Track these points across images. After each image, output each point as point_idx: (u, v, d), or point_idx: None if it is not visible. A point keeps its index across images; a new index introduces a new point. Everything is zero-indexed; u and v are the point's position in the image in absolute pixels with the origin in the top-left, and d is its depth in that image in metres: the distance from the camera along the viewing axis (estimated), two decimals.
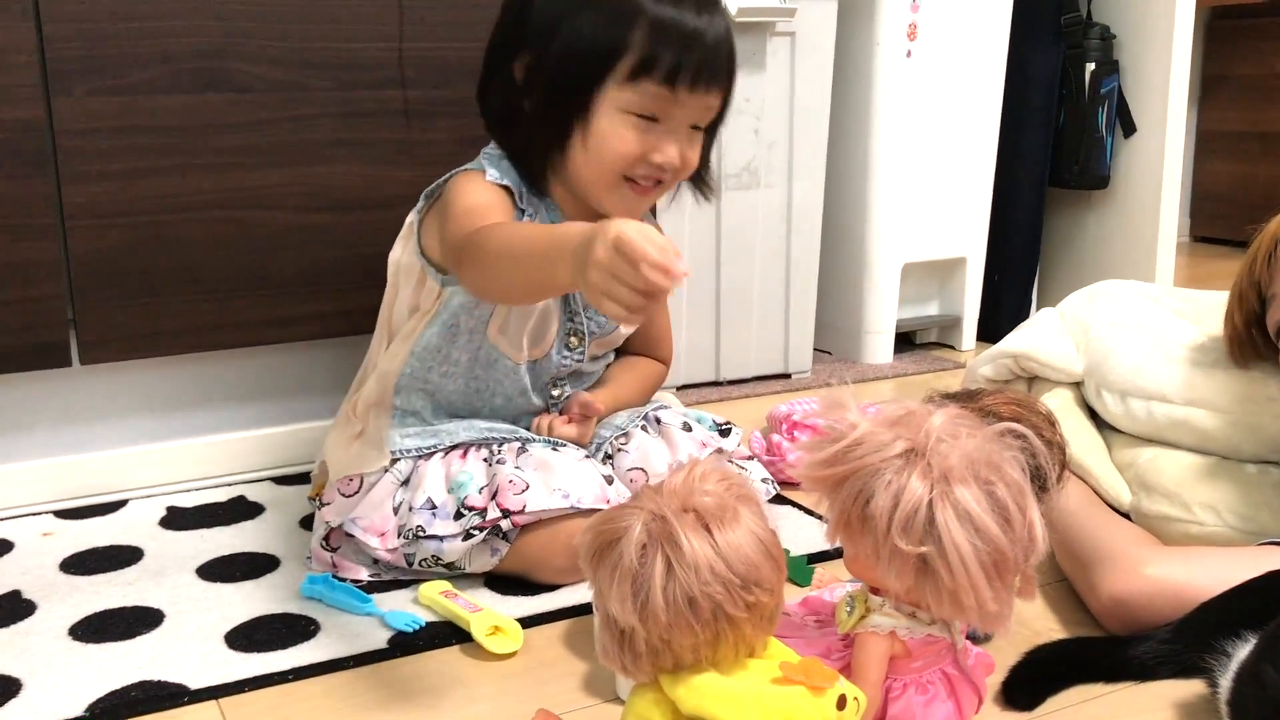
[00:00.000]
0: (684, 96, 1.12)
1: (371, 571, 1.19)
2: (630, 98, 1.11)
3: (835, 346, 2.21)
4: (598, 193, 1.18)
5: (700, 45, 1.10)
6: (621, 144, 1.13)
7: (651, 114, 1.12)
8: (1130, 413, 1.29)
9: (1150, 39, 2.26)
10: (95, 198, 1.36)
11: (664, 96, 1.11)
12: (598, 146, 1.13)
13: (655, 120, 1.13)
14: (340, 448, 1.25)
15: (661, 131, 1.14)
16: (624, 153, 1.13)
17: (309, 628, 1.10)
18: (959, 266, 2.23)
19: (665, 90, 1.11)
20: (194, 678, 1.01)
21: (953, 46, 2.09)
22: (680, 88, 1.11)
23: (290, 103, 1.44)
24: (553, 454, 1.18)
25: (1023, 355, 1.43)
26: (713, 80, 1.13)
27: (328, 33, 1.44)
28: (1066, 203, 2.43)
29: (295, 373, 1.55)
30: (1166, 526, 1.18)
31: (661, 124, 1.14)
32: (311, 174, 1.45)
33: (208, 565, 1.25)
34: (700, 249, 1.91)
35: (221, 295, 1.44)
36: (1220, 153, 3.77)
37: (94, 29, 1.32)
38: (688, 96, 1.12)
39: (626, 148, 1.13)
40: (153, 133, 1.37)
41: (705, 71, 1.11)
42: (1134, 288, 1.47)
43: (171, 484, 1.49)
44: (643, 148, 1.13)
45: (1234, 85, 3.71)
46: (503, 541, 1.15)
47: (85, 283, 1.37)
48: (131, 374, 1.46)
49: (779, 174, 1.95)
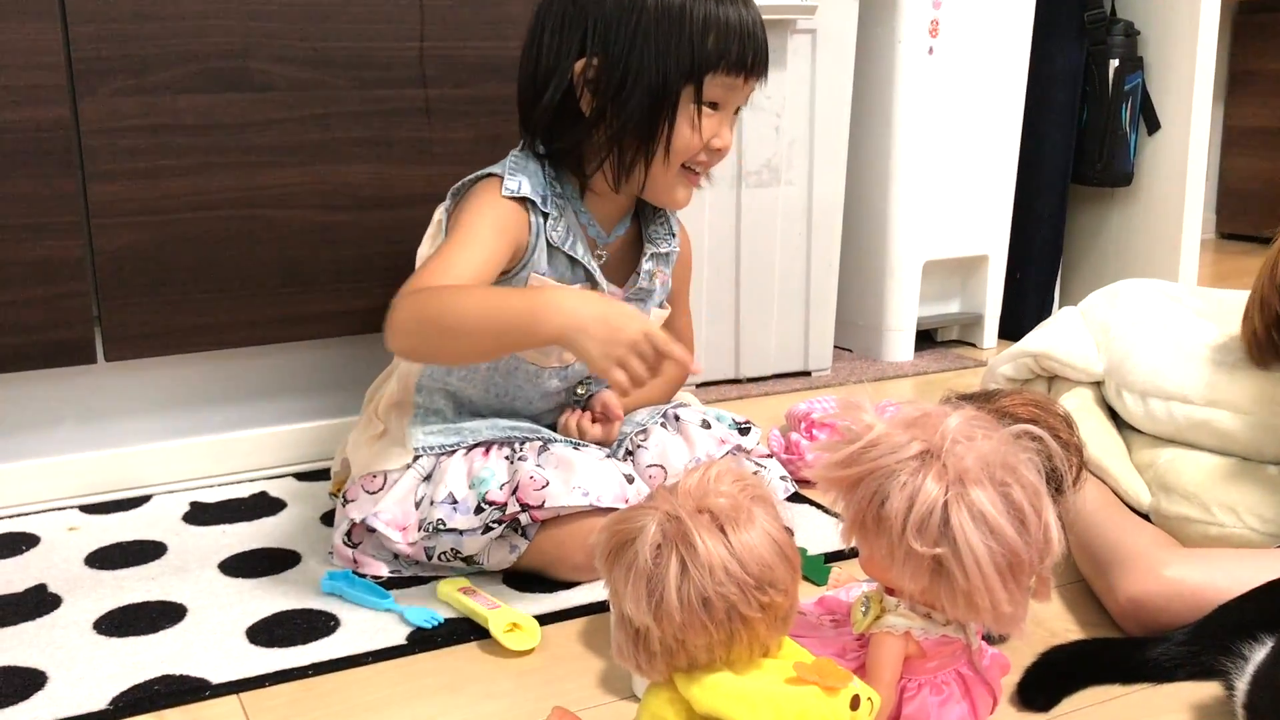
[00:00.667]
0: (741, 84, 1.21)
1: (391, 568, 1.20)
2: (708, 89, 1.19)
3: (856, 344, 2.21)
4: (664, 185, 1.24)
5: (752, 36, 1.20)
6: (696, 136, 1.20)
7: (715, 102, 1.21)
8: (1150, 413, 1.29)
9: (1175, 35, 2.25)
10: (119, 196, 1.37)
11: (731, 85, 1.20)
12: (680, 139, 1.20)
13: (717, 108, 1.21)
14: (363, 446, 1.26)
15: (720, 118, 1.22)
16: (699, 140, 1.21)
17: (329, 623, 1.11)
18: (981, 264, 2.22)
19: (734, 79, 1.20)
20: (216, 672, 1.02)
21: (975, 43, 2.08)
22: (745, 75, 1.20)
23: (312, 101, 1.45)
24: (574, 453, 1.19)
25: (1043, 355, 1.42)
26: (764, 66, 1.22)
27: (349, 32, 1.45)
28: (1089, 200, 2.41)
29: (317, 369, 1.57)
30: (1186, 528, 1.18)
31: (721, 110, 1.22)
32: (333, 172, 1.47)
33: (230, 560, 1.27)
34: (721, 246, 1.92)
35: (244, 293, 1.46)
36: (1247, 149, 3.74)
37: (119, 29, 1.34)
38: (743, 85, 1.21)
39: (704, 134, 1.21)
40: (176, 131, 1.39)
41: (760, 58, 1.21)
42: (1156, 287, 1.46)
43: (195, 479, 1.50)
44: (710, 134, 1.21)
45: (1261, 80, 3.68)
46: (521, 538, 1.16)
47: (110, 281, 1.38)
48: (155, 371, 1.48)
49: (800, 171, 1.95)
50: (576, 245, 1.23)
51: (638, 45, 1.16)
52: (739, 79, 1.20)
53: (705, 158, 1.23)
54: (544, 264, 1.22)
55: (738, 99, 1.23)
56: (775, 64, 1.87)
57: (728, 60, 1.18)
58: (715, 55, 1.17)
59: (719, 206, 1.90)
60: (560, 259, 1.23)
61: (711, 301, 1.93)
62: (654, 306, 1.35)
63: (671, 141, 1.20)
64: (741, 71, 1.20)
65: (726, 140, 1.23)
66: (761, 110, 1.89)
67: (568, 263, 1.23)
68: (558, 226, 1.22)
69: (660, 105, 1.18)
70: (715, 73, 1.18)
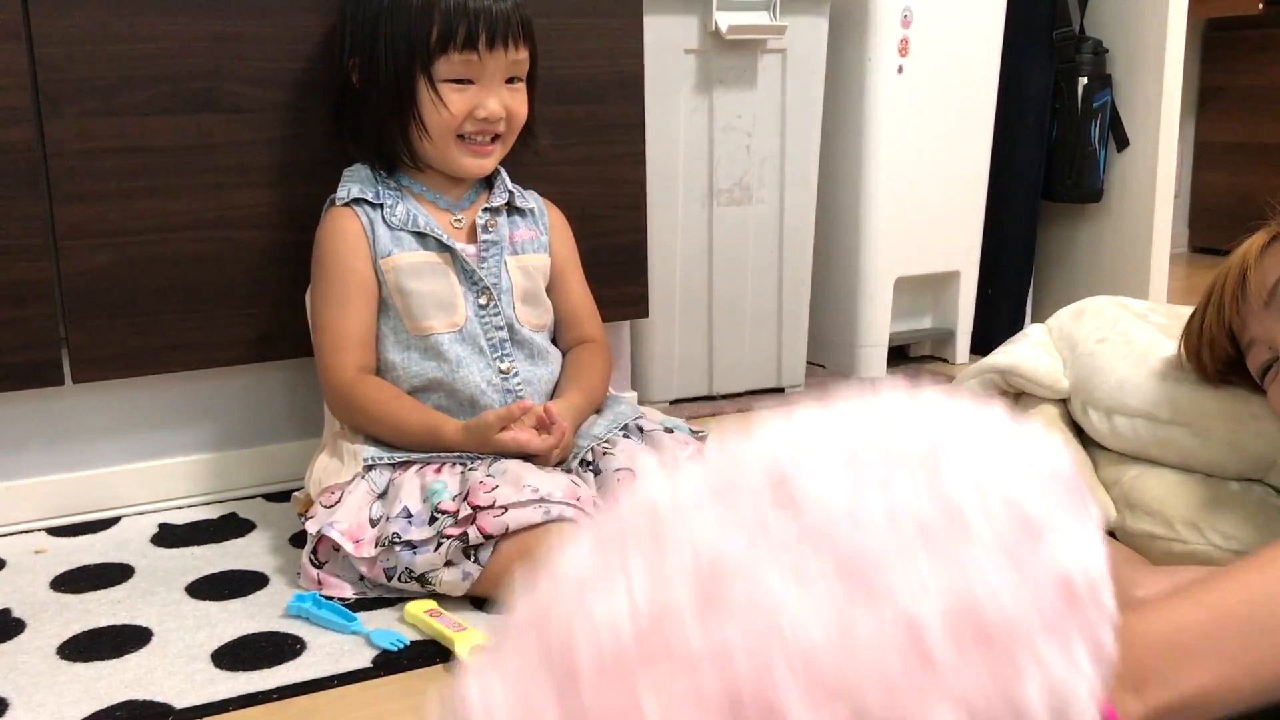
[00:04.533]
0: (486, 57, 1.31)
1: (357, 589, 1.20)
2: (444, 68, 1.31)
3: (829, 360, 2.22)
4: (445, 158, 1.36)
5: (486, 15, 1.30)
6: (445, 112, 1.32)
7: (465, 78, 1.32)
8: (1116, 430, 1.29)
9: (1143, 52, 2.27)
10: (88, 218, 1.37)
11: (469, 60, 1.31)
12: (428, 117, 1.33)
13: (471, 83, 1.32)
14: (318, 465, 1.31)
15: (478, 89, 1.33)
16: (450, 115, 1.32)
17: (295, 646, 1.11)
18: (952, 280, 2.24)
19: (469, 55, 1.30)
20: (180, 697, 1.02)
21: (945, 61, 2.10)
22: (481, 50, 1.30)
23: (281, 123, 1.45)
24: (524, 464, 1.23)
25: (1009, 371, 1.43)
26: (507, 37, 1.31)
27: (319, 54, 1.45)
28: (1060, 216, 2.43)
29: (286, 390, 1.57)
30: (1151, 544, 1.19)
31: (477, 84, 1.32)
32: (303, 194, 1.46)
33: (197, 583, 1.26)
34: (693, 263, 1.92)
35: (213, 314, 1.45)
36: (1218, 164, 3.78)
37: (86, 51, 1.34)
38: (489, 56, 1.31)
39: (453, 109, 1.32)
40: (145, 153, 1.39)
41: (497, 30, 1.31)
42: (1121, 303, 1.47)
43: (164, 501, 1.50)
44: (466, 107, 1.32)
45: (1232, 96, 3.72)
46: (475, 565, 1.16)
47: (77, 302, 1.38)
48: (124, 392, 1.47)
49: (771, 189, 1.96)
50: (419, 219, 1.35)
51: (380, 37, 1.31)
52: (474, 55, 1.30)
53: (474, 127, 1.34)
54: (391, 246, 1.34)
55: (495, 70, 1.32)
56: (745, 83, 1.89)
57: (455, 41, 1.29)
58: (441, 38, 1.29)
59: (691, 225, 1.91)
60: (406, 236, 1.35)
61: (684, 319, 1.94)
62: (528, 255, 1.42)
63: (424, 122, 1.33)
64: (472, 49, 1.30)
65: (492, 109, 1.33)
66: (733, 129, 1.90)
67: (415, 238, 1.35)
68: (395, 211, 1.35)
69: (399, 90, 1.32)
70: (446, 54, 1.30)
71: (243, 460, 1.54)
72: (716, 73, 1.86)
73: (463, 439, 1.26)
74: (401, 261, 1.33)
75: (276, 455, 1.55)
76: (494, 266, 1.38)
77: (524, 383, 1.36)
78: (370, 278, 1.33)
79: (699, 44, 1.84)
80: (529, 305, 1.40)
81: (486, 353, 1.35)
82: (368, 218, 1.35)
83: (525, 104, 1.38)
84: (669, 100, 1.83)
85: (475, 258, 1.37)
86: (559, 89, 1.58)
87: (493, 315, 1.36)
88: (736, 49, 1.86)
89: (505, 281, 1.38)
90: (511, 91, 1.36)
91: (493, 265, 1.38)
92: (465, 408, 1.33)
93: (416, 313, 1.33)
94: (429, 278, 1.34)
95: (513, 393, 1.35)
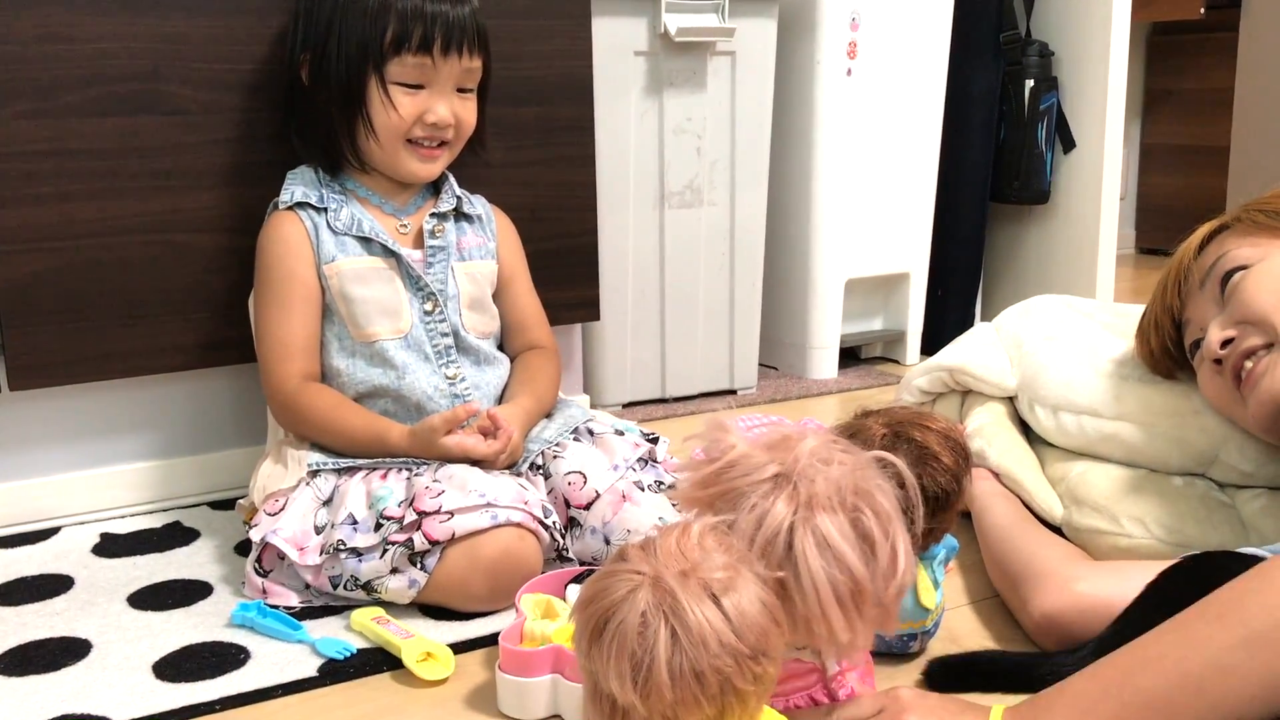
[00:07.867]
0: (440, 62, 1.29)
1: (302, 598, 1.19)
2: (396, 70, 1.29)
3: (781, 362, 2.22)
4: (392, 161, 1.34)
5: (443, 20, 1.28)
6: (394, 115, 1.30)
7: (416, 82, 1.30)
8: (1062, 427, 1.31)
9: (1088, 55, 2.30)
10: (24, 222, 1.34)
11: (423, 64, 1.29)
12: (377, 118, 1.31)
13: (422, 87, 1.31)
14: (262, 472, 1.28)
15: (429, 94, 1.31)
16: (399, 118, 1.30)
17: (239, 656, 1.09)
18: (902, 281, 2.25)
19: (423, 59, 1.28)
20: (119, 710, 0.99)
21: (893, 65, 2.11)
22: (435, 55, 1.29)
23: (224, 125, 1.43)
24: (471, 469, 1.22)
25: (957, 369, 1.44)
26: (462, 45, 1.30)
27: (263, 54, 1.43)
28: (1008, 218, 2.46)
29: (231, 396, 1.54)
30: (1097, 540, 1.20)
31: (428, 89, 1.31)
32: (246, 196, 1.44)
33: (139, 593, 1.24)
34: (645, 267, 1.92)
35: (155, 319, 1.43)
36: (1164, 166, 3.83)
37: (20, 51, 1.31)
38: (443, 62, 1.29)
39: (402, 112, 1.30)
40: (83, 156, 1.36)
41: (452, 36, 1.29)
42: (1067, 302, 1.49)
43: (106, 510, 1.47)
44: (416, 111, 1.30)
45: (1176, 99, 3.78)
46: (421, 572, 1.15)
47: (13, 308, 1.35)
48: (63, 399, 1.44)
49: (722, 192, 1.96)
50: (363, 224, 1.33)
51: (333, 35, 1.29)
52: (427, 59, 1.28)
53: (422, 132, 1.32)
54: (335, 252, 1.31)
55: (447, 76, 1.31)
56: (695, 85, 1.89)
57: (409, 44, 1.27)
58: (394, 41, 1.27)
59: (642, 228, 1.91)
60: (351, 241, 1.33)
61: (637, 322, 1.93)
62: (475, 261, 1.40)
63: (372, 123, 1.31)
64: (426, 53, 1.28)
65: (442, 115, 1.31)
66: (683, 132, 1.90)
67: (360, 243, 1.33)
68: (339, 215, 1.33)
69: (350, 89, 1.30)
70: (399, 56, 1.28)
71: (186, 468, 1.51)
72: (666, 75, 1.86)
73: (408, 444, 1.25)
74: (345, 267, 1.31)
75: (221, 462, 1.53)
76: (440, 273, 1.36)
77: (471, 388, 1.35)
78: (314, 283, 1.31)
79: (648, 46, 1.84)
80: (475, 312, 1.39)
81: (432, 359, 1.34)
82: (312, 222, 1.32)
83: (474, 113, 1.37)
84: (619, 102, 1.83)
85: (421, 263, 1.35)
86: (508, 91, 1.56)
87: (438, 321, 1.35)
88: (686, 51, 1.86)
89: (452, 288, 1.37)
90: (462, 100, 1.34)
91: (439, 271, 1.36)
92: (412, 414, 1.32)
93: (361, 319, 1.31)
94: (373, 283, 1.32)
95: (460, 398, 1.33)
